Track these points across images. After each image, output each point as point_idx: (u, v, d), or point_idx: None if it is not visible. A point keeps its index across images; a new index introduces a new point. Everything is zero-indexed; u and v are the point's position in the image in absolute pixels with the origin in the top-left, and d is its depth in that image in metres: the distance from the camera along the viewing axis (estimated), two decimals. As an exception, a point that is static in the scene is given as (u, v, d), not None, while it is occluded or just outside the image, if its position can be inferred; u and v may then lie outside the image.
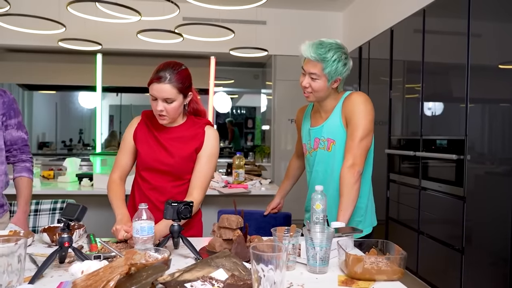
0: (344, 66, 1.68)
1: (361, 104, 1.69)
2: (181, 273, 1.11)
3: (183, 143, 1.66)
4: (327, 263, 1.23)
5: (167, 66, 1.58)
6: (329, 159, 1.75)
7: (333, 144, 1.74)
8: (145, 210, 1.33)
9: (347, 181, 1.59)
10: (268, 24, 5.63)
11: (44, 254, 1.33)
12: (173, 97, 1.56)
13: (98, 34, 4.63)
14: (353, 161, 1.62)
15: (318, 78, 1.68)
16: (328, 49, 1.66)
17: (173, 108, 1.58)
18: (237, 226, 1.42)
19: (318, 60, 1.65)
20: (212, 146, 1.68)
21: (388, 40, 4.15)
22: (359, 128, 1.65)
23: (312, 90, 1.72)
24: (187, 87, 1.60)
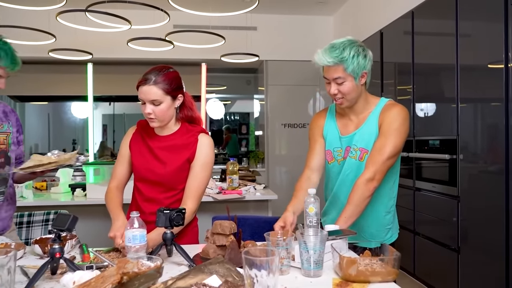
0: (364, 58, 1.60)
1: (402, 120, 1.61)
2: (174, 281, 1.10)
3: (175, 152, 1.64)
4: (321, 266, 1.22)
5: (154, 69, 1.58)
6: (360, 169, 1.62)
7: (366, 154, 1.64)
8: (137, 218, 1.32)
9: (362, 193, 1.53)
10: (259, 29, 5.65)
11: (36, 266, 1.32)
12: (159, 98, 1.55)
13: (89, 44, 4.61)
14: (374, 176, 1.53)
15: (344, 80, 1.59)
16: (343, 49, 1.58)
17: (161, 111, 1.57)
18: (231, 232, 1.42)
19: (337, 62, 1.57)
20: (206, 154, 1.65)
21: (378, 42, 4.18)
22: (391, 145, 1.56)
23: (342, 95, 1.61)
24: (174, 89, 1.59)
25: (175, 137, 1.66)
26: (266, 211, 3.22)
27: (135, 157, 1.68)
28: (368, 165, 1.57)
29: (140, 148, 1.68)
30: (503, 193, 2.40)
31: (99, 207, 2.81)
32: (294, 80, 5.82)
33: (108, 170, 3.06)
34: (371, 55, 1.65)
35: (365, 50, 1.62)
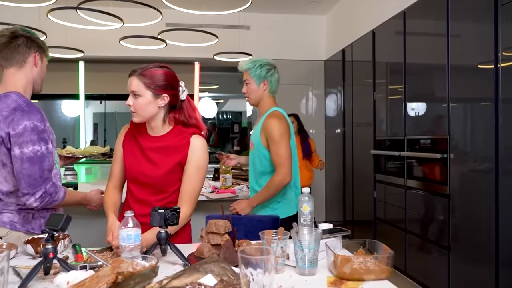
0: (267, 71, 2.20)
1: (277, 132, 2.13)
2: (169, 280, 1.10)
3: (166, 155, 1.61)
4: (315, 264, 1.23)
5: (146, 64, 1.59)
6: (252, 159, 2.27)
7: (253, 147, 2.25)
8: (131, 218, 1.31)
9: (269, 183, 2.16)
10: (252, 28, 5.65)
11: (28, 266, 1.30)
12: (138, 90, 1.54)
13: (80, 42, 4.57)
14: (278, 171, 2.14)
15: (249, 82, 2.21)
16: (254, 61, 2.21)
17: (139, 104, 1.55)
18: (225, 231, 1.42)
19: (246, 69, 2.20)
20: (199, 157, 1.61)
21: (370, 42, 4.20)
22: (275, 153, 2.14)
23: (248, 94, 2.24)
24: (158, 86, 1.55)
25: (167, 139, 1.63)
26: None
27: (127, 157, 1.67)
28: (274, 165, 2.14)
29: (132, 148, 1.66)
30: (493, 192, 2.44)
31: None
32: (286, 79, 5.79)
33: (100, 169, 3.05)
34: (278, 77, 2.26)
35: (273, 69, 2.24)
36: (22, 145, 1.50)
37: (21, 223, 1.61)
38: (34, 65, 1.66)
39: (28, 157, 1.51)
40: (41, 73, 1.71)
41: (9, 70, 1.63)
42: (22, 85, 1.63)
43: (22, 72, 1.63)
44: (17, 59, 1.62)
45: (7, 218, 1.60)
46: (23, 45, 1.62)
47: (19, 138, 1.50)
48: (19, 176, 1.51)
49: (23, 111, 1.53)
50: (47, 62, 1.75)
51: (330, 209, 5.60)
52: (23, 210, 1.61)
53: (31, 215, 1.63)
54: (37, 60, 1.66)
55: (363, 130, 4.51)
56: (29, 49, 1.64)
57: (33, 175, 1.52)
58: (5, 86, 1.61)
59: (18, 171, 1.51)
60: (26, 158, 1.50)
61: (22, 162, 1.50)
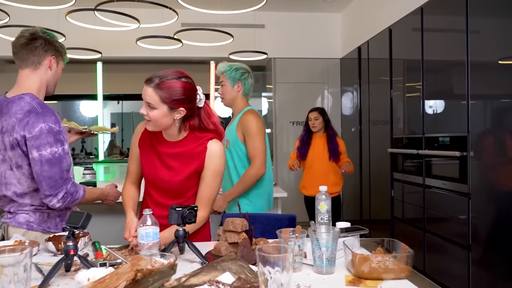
0: (241, 75, 2.34)
1: (255, 128, 2.26)
2: (187, 278, 1.11)
3: (183, 162, 1.59)
4: (333, 263, 1.23)
5: (164, 72, 1.50)
6: (228, 155, 2.30)
7: (229, 144, 2.32)
8: (150, 215, 1.33)
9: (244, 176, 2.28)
10: (267, 27, 5.65)
11: (50, 263, 1.33)
12: (153, 103, 1.47)
13: (98, 43, 4.64)
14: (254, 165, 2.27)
15: (225, 84, 2.37)
16: (230, 65, 2.36)
17: (154, 116, 1.49)
18: (242, 229, 1.42)
19: (223, 71, 2.37)
20: (215, 164, 1.59)
21: (387, 39, 4.15)
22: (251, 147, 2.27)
23: (223, 95, 2.41)
24: (174, 100, 1.47)
25: (183, 145, 1.60)
26: (276, 209, 3.22)
27: (144, 162, 1.65)
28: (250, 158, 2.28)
29: (148, 151, 1.65)
30: (515, 191, 2.38)
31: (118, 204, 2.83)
32: (302, 78, 5.81)
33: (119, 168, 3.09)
34: (252, 82, 2.40)
35: (247, 73, 2.38)
36: (40, 148, 1.51)
37: (37, 223, 1.63)
38: (48, 68, 1.67)
39: (47, 159, 1.52)
40: (55, 77, 1.72)
41: (24, 71, 1.64)
42: (35, 87, 1.63)
43: (37, 74, 1.64)
44: (33, 61, 1.63)
45: (23, 218, 1.62)
46: (40, 47, 1.63)
47: (36, 141, 1.51)
48: (40, 178, 1.53)
49: (38, 113, 1.54)
50: (63, 65, 1.75)
51: (347, 208, 5.56)
52: (38, 210, 1.63)
53: (47, 214, 1.65)
54: (52, 64, 1.67)
55: (379, 128, 4.46)
56: (46, 52, 1.65)
57: (54, 177, 1.53)
58: (19, 87, 1.63)
59: (38, 174, 1.53)
60: (45, 161, 1.52)
61: (42, 164, 1.52)
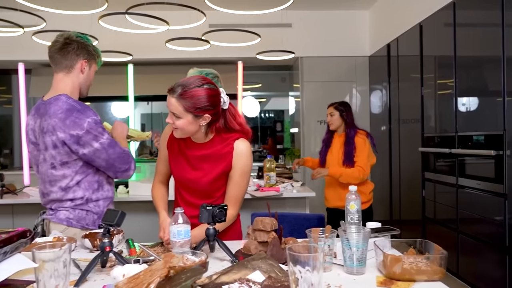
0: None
1: None
2: (218, 276, 1.13)
3: (211, 163, 1.60)
4: (364, 263, 1.21)
5: (186, 80, 1.49)
6: None
7: None
8: (181, 214, 1.36)
9: None
10: (294, 26, 5.63)
11: (86, 259, 1.38)
12: (178, 113, 1.47)
13: (129, 45, 4.76)
14: None
15: None
16: (201, 71, 2.30)
17: (180, 125, 1.49)
18: (272, 228, 1.43)
19: None
20: (243, 163, 1.60)
21: (417, 35, 4.06)
22: None
23: None
24: (198, 109, 1.47)
25: (210, 146, 1.60)
26: (304, 208, 3.22)
27: (172, 163, 1.68)
28: None
29: (177, 155, 1.66)
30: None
31: (141, 203, 2.90)
32: (329, 76, 5.76)
33: (149, 168, 3.16)
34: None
35: (215, 77, 2.30)
36: (97, 138, 1.65)
37: (77, 220, 1.70)
38: (80, 71, 1.74)
39: (108, 144, 1.68)
40: (87, 80, 1.79)
41: (58, 75, 1.73)
42: (68, 89, 1.71)
43: (69, 77, 1.72)
44: (65, 65, 1.71)
45: (63, 215, 1.70)
46: (73, 51, 1.71)
47: (90, 135, 1.63)
48: (111, 161, 1.70)
49: (79, 110, 1.63)
50: (96, 68, 1.82)
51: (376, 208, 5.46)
52: (77, 208, 1.71)
53: (85, 212, 1.72)
54: (84, 67, 1.74)
55: (410, 127, 4.37)
56: (78, 56, 1.72)
57: (121, 154, 1.72)
58: (54, 90, 1.72)
59: (107, 159, 1.69)
60: (107, 146, 1.68)
61: (106, 150, 1.67)
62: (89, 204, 1.72)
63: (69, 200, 1.71)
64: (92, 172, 1.73)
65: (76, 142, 1.62)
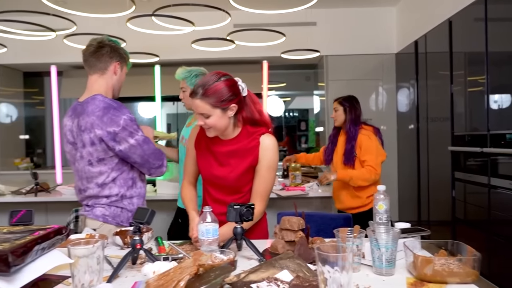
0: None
1: None
2: (246, 274, 1.14)
3: (238, 158, 1.62)
4: (393, 264, 1.20)
5: (204, 80, 1.54)
6: None
7: None
8: (209, 213, 1.37)
9: None
10: (319, 25, 5.58)
11: (117, 255, 1.42)
12: (206, 112, 1.52)
13: (156, 47, 4.84)
14: None
15: (186, 90, 2.43)
16: (190, 71, 2.43)
17: (211, 122, 1.53)
18: (299, 228, 1.43)
19: (183, 78, 2.46)
20: (269, 158, 1.62)
21: (446, 32, 3.96)
22: None
23: (184, 100, 2.48)
24: (223, 101, 1.51)
25: (237, 142, 1.63)
26: (329, 208, 3.19)
27: (200, 161, 1.71)
28: None
29: (204, 153, 1.70)
30: None
31: (169, 202, 2.95)
32: (355, 75, 5.69)
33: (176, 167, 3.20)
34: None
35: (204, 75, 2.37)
36: (133, 135, 1.71)
37: (112, 217, 1.76)
38: (114, 73, 1.82)
39: (142, 141, 1.74)
40: (119, 81, 1.88)
41: (92, 77, 1.81)
42: (103, 90, 1.79)
43: (103, 79, 1.80)
44: (99, 67, 1.79)
45: (99, 212, 1.76)
46: (106, 54, 1.79)
47: (125, 131, 1.69)
48: (145, 157, 1.75)
49: (115, 108, 1.71)
50: (126, 70, 1.91)
51: (404, 208, 5.37)
52: (112, 205, 1.77)
53: (120, 209, 1.78)
54: (117, 69, 1.83)
55: (439, 125, 4.26)
56: (111, 58, 1.80)
57: (154, 151, 1.79)
58: (89, 91, 1.79)
59: (142, 155, 1.74)
60: (142, 142, 1.73)
61: (141, 146, 1.73)
62: (124, 201, 1.78)
63: (105, 197, 1.76)
64: (127, 169, 1.79)
65: (112, 139, 1.68)
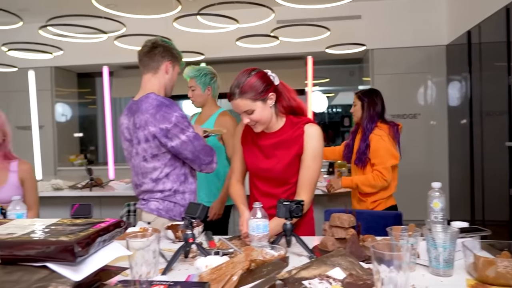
0: (211, 79, 2.57)
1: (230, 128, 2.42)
2: (298, 271, 1.13)
3: (283, 148, 1.65)
4: (451, 265, 1.15)
5: (236, 80, 1.59)
6: None
7: None
8: (260, 208, 1.38)
9: None
10: (364, 18, 5.44)
11: (170, 249, 1.46)
12: (249, 108, 1.56)
13: (201, 45, 4.92)
14: None
15: (195, 88, 2.55)
16: (199, 70, 2.55)
17: (256, 117, 1.58)
18: (349, 225, 1.41)
19: (192, 77, 2.55)
20: (314, 147, 1.63)
21: (503, 20, 3.72)
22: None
23: (194, 98, 2.59)
24: (261, 92, 1.56)
25: (282, 133, 1.66)
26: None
27: (246, 156, 1.74)
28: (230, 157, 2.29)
29: (250, 147, 1.73)
30: None
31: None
32: (402, 68, 5.50)
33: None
34: (218, 83, 2.64)
35: (215, 77, 2.61)
36: (184, 131, 1.76)
37: (165, 210, 1.83)
38: (165, 72, 1.88)
39: (193, 137, 1.78)
40: (171, 80, 1.93)
41: (146, 76, 1.88)
42: (155, 88, 1.86)
43: (156, 78, 1.87)
44: (152, 66, 1.86)
45: (154, 206, 1.83)
46: (159, 54, 1.86)
47: (177, 128, 1.74)
48: (196, 153, 1.80)
49: (167, 105, 1.76)
50: (179, 70, 1.97)
51: (456, 207, 5.14)
52: (166, 199, 1.83)
53: (173, 204, 1.84)
54: (168, 68, 1.88)
55: (495, 119, 4.03)
56: (163, 58, 1.86)
57: (205, 148, 1.84)
58: (143, 90, 1.87)
59: (193, 150, 1.79)
60: (193, 138, 1.78)
61: (192, 142, 1.77)
62: (177, 196, 1.84)
63: (159, 192, 1.83)
64: (179, 165, 1.84)
65: (165, 135, 1.73)
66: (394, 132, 2.58)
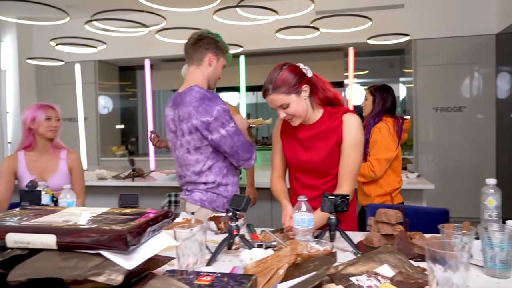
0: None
1: None
2: (344, 267, 1.11)
3: (323, 139, 1.64)
4: (509, 267, 1.09)
5: (269, 76, 1.58)
6: None
7: None
8: (304, 202, 1.37)
9: None
10: (406, 7, 5.25)
11: (213, 240, 1.47)
12: (284, 102, 1.56)
13: (240, 37, 4.92)
14: None
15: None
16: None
17: (292, 110, 1.58)
18: (396, 221, 1.37)
19: None
20: (354, 135, 1.61)
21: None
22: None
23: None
24: (294, 85, 1.56)
25: (320, 124, 1.65)
26: (420, 201, 3.02)
27: (286, 150, 1.74)
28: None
29: (290, 141, 1.73)
30: None
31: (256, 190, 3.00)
32: (447, 59, 5.28)
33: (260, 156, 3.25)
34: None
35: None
36: (224, 125, 1.76)
37: (208, 201, 1.85)
38: (209, 64, 1.88)
39: (233, 132, 1.77)
40: (215, 72, 1.92)
41: (190, 68, 1.90)
42: (199, 81, 1.86)
43: (200, 70, 1.88)
44: (196, 58, 1.87)
45: (197, 197, 1.85)
46: (203, 46, 1.86)
47: (219, 121, 1.74)
48: (235, 149, 1.79)
49: (210, 99, 1.77)
50: (224, 63, 1.96)
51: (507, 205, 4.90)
52: (209, 191, 1.85)
53: (216, 195, 1.86)
54: (211, 60, 1.88)
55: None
56: (207, 50, 1.86)
57: (244, 143, 1.81)
58: (188, 82, 1.89)
59: (232, 146, 1.78)
60: (233, 133, 1.77)
61: (232, 137, 1.77)
62: (220, 188, 1.86)
63: (203, 183, 1.86)
64: (221, 158, 1.85)
65: (206, 128, 1.75)
66: (398, 126, 2.55)
